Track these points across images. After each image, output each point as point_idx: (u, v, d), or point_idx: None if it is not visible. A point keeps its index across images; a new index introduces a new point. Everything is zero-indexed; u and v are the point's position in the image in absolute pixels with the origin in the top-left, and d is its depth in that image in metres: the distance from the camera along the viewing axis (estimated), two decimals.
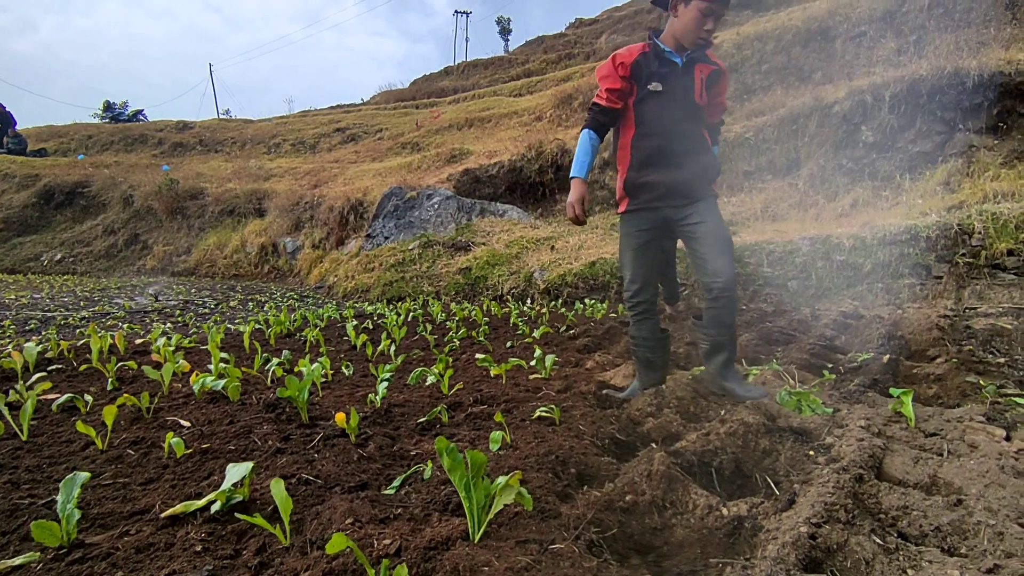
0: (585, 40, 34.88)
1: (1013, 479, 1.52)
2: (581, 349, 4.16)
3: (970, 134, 7.13)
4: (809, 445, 1.98)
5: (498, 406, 2.46)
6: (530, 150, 12.29)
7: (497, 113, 19.95)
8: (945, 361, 2.98)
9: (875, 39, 9.40)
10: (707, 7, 2.21)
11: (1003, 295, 5.67)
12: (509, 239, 10.98)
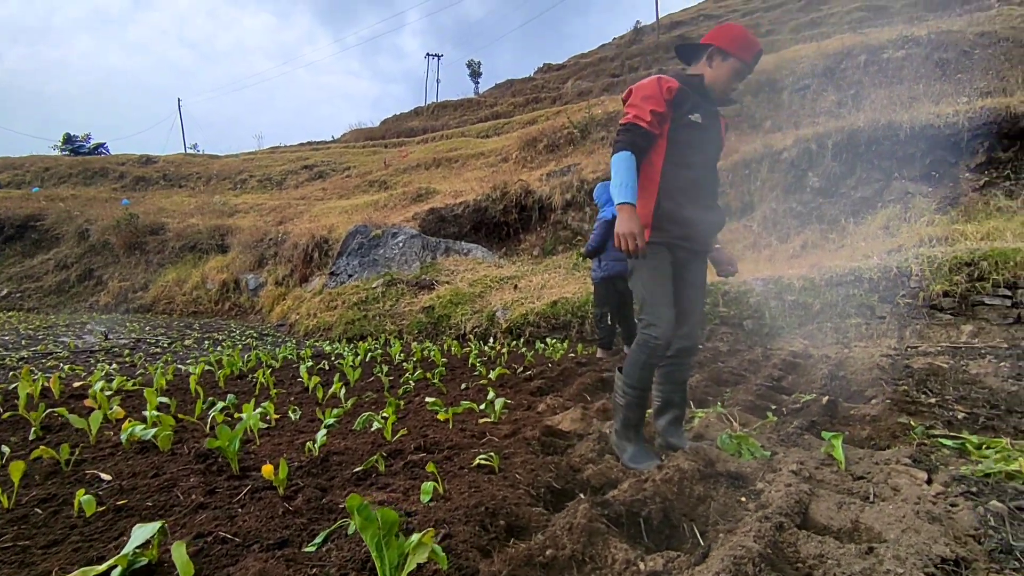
0: (552, 85, 36.03)
1: (927, 524, 1.56)
2: (535, 391, 4.15)
3: (906, 182, 7.56)
4: (742, 491, 2.00)
5: (440, 453, 2.43)
6: (495, 190, 12.48)
7: (464, 153, 20.28)
8: (881, 402, 3.07)
9: (818, 92, 10.00)
10: (743, 66, 2.26)
11: (941, 334, 5.93)
12: (473, 278, 11.02)
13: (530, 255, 11.64)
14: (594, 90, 25.62)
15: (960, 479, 1.91)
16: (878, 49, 9.86)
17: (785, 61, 11.12)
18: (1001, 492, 1.82)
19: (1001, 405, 3.09)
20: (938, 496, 1.81)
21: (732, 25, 2.31)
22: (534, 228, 11.88)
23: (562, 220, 11.19)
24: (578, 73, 35.13)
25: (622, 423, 2.36)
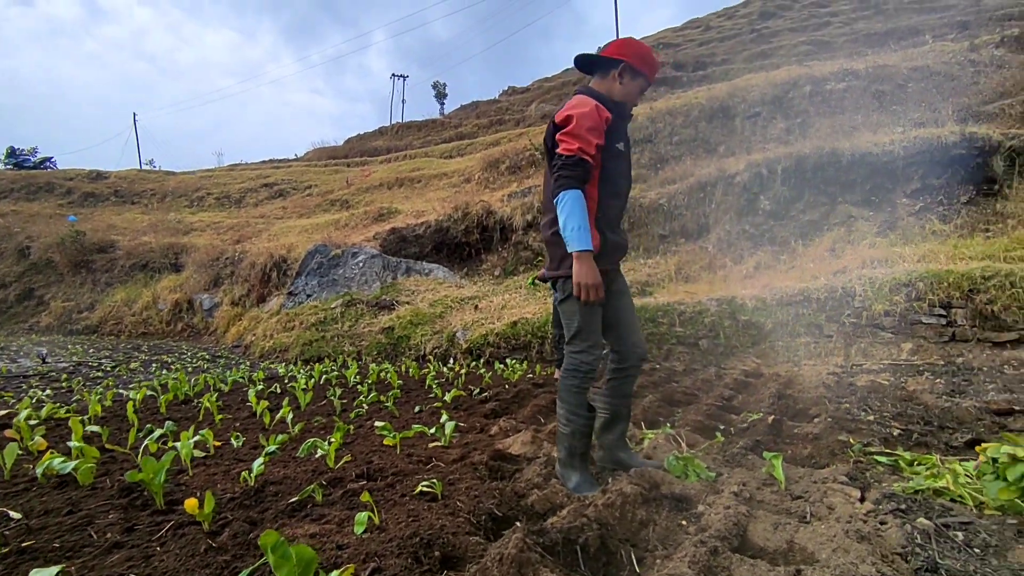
0: (516, 107, 36.51)
1: (856, 544, 1.59)
2: (488, 414, 4.10)
3: (849, 206, 7.90)
4: (684, 514, 2.00)
5: (383, 480, 2.36)
6: (457, 211, 12.48)
7: (427, 174, 20.28)
8: (823, 420, 3.15)
9: (768, 119, 10.42)
10: (647, 85, 2.32)
11: (883, 352, 6.15)
12: (434, 298, 10.93)
13: (491, 275, 11.64)
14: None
15: (890, 496, 1.95)
16: (822, 81, 10.37)
17: (738, 89, 11.57)
18: (929, 509, 1.87)
19: (934, 421, 3.21)
20: (868, 514, 1.85)
21: (638, 41, 2.31)
22: (495, 249, 11.90)
23: (523, 241, 11.26)
24: (541, 96, 35.72)
25: (567, 451, 2.32)
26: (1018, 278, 5.41)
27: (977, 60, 9.79)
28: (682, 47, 36.05)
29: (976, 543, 1.65)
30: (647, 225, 9.87)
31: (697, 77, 21.77)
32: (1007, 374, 4.88)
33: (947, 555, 1.60)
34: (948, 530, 1.72)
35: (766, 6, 38.69)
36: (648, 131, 11.99)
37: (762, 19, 36.09)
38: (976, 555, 1.60)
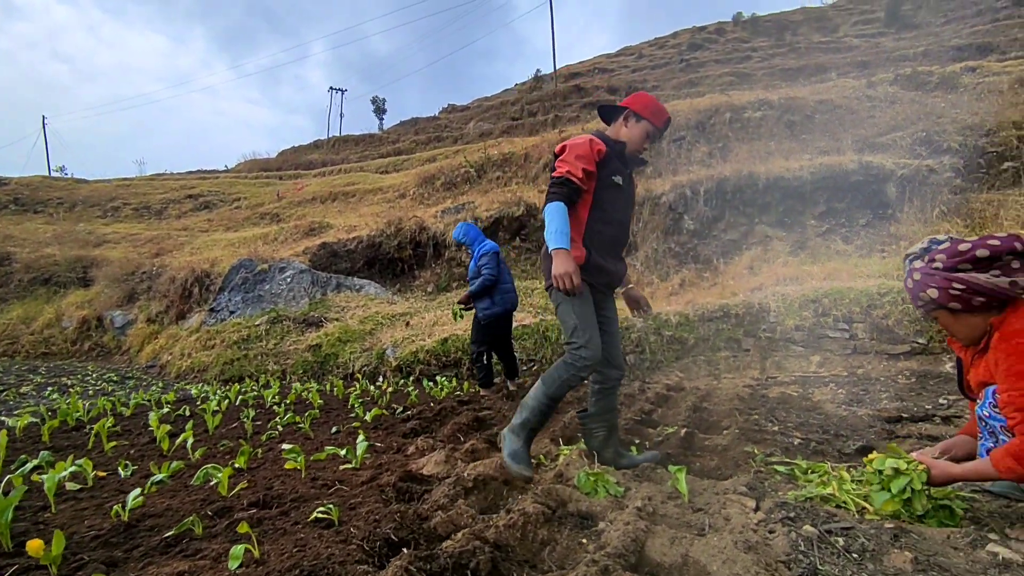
0: (455, 125, 36.68)
1: (743, 554, 1.61)
2: (408, 433, 3.98)
3: (765, 226, 8.36)
4: (587, 531, 1.98)
5: (279, 507, 2.21)
6: (390, 226, 12.28)
7: (362, 188, 19.91)
8: (731, 432, 3.24)
9: (692, 143, 10.93)
10: (654, 130, 2.59)
11: (795, 365, 6.48)
12: (364, 315, 10.65)
13: (424, 292, 11.48)
14: (495, 132, 26.34)
15: (782, 505, 2.01)
16: (741, 109, 11.01)
17: None
18: (815, 516, 1.93)
19: (831, 430, 3.38)
20: (760, 524, 1.89)
21: (646, 94, 2.62)
22: (428, 265, 11.78)
23: (456, 257, 11.20)
24: (481, 115, 36.08)
25: (521, 423, 2.51)
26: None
27: (873, 96, 10.70)
28: (616, 72, 37.47)
29: (855, 548, 1.71)
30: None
31: None
32: (900, 383, 5.24)
33: (827, 561, 1.65)
34: (830, 536, 1.78)
35: (694, 38, 40.96)
36: None
37: (690, 50, 38.13)
38: (854, 560, 1.65)
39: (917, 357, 5.87)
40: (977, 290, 1.79)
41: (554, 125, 19.23)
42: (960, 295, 1.82)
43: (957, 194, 7.89)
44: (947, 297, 1.85)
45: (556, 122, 20.96)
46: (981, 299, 1.79)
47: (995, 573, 1.56)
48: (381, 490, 2.43)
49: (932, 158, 8.33)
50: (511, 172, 13.68)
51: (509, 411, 4.68)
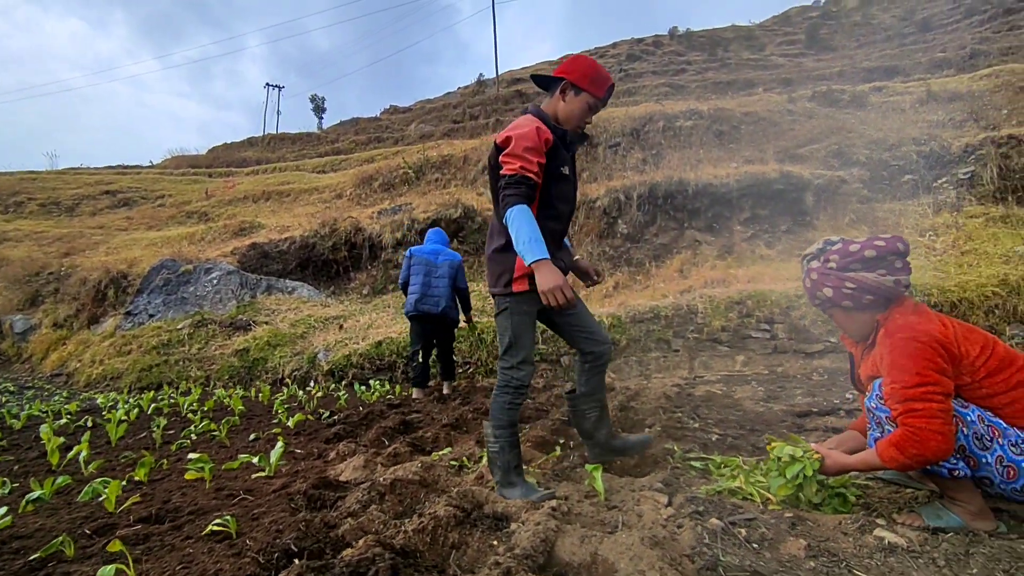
0: (396, 126, 36.14)
1: (649, 550, 1.62)
2: (332, 438, 3.83)
3: (695, 231, 8.66)
4: (499, 533, 1.94)
5: (172, 521, 2.05)
6: (324, 226, 11.91)
7: (297, 188, 19.24)
8: (654, 430, 3.30)
9: (627, 149, 11.22)
10: (595, 102, 2.27)
11: (721, 364, 6.73)
12: (296, 318, 10.26)
13: (359, 294, 11.19)
14: (436, 134, 26.12)
15: (692, 500, 2.04)
16: (673, 118, 11.40)
17: (601, 120, 12.34)
18: (722, 509, 1.97)
19: (747, 425, 3.50)
20: (669, 519, 1.91)
21: (583, 58, 2.31)
22: (364, 266, 11.49)
23: (393, 259, 10.99)
24: (422, 117, 35.68)
25: (503, 470, 2.28)
26: None
27: (794, 110, 11.34)
28: None
29: (755, 538, 1.76)
30: None
31: None
32: (813, 380, 5.53)
33: (729, 552, 1.68)
34: (734, 527, 1.82)
35: (632, 49, 42.17)
36: None
37: (629, 60, 39.21)
38: (753, 549, 1.70)
39: (829, 355, 6.22)
40: (866, 288, 1.88)
41: (495, 129, 19.28)
42: (852, 293, 1.91)
43: (864, 203, 8.46)
44: (840, 296, 1.94)
45: (497, 126, 21.03)
46: (870, 297, 1.89)
47: (880, 557, 1.63)
48: (291, 498, 2.32)
49: (843, 169, 8.90)
50: (450, 174, 13.58)
51: (439, 414, 4.61)
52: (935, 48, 23.46)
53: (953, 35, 26.25)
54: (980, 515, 1.76)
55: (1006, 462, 1.68)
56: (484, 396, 5.48)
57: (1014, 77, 11.82)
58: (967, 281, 6.25)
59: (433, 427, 3.99)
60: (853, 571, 1.55)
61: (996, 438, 1.69)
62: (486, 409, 4.69)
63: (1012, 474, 1.68)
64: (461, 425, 4.13)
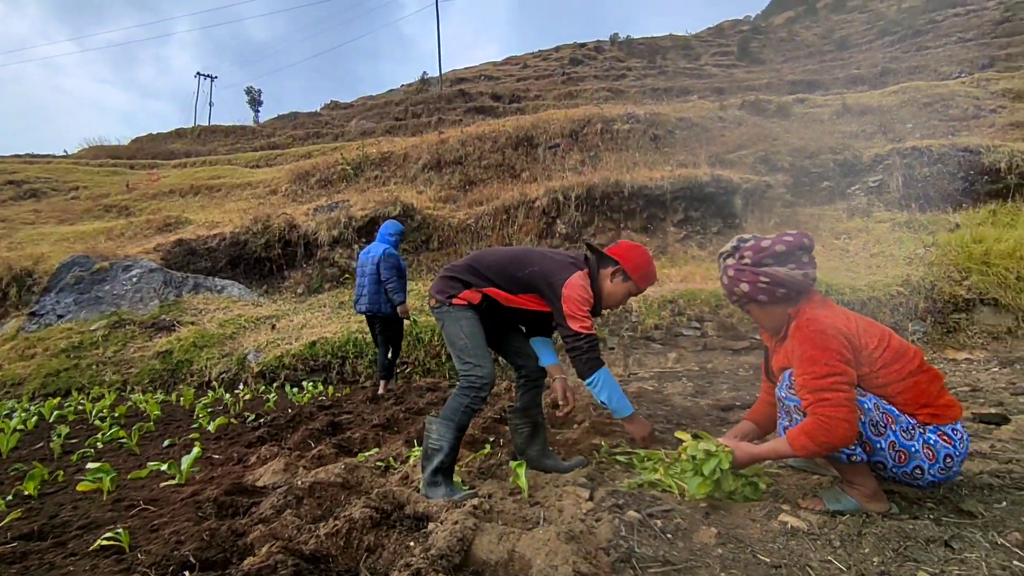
0: (337, 122, 35.16)
1: (564, 544, 1.61)
2: (254, 442, 3.66)
3: (631, 232, 8.87)
4: (417, 534, 1.89)
5: (58, 537, 1.88)
6: (256, 223, 11.41)
7: (229, 183, 18.37)
8: (583, 426, 3.34)
9: (566, 151, 11.37)
10: (636, 292, 2.53)
11: (654, 361, 6.91)
12: (225, 318, 9.77)
13: (294, 293, 10.80)
14: (377, 131, 25.59)
15: (613, 493, 2.07)
16: (611, 121, 11.65)
17: (541, 121, 12.46)
18: (641, 501, 2.00)
19: (674, 419, 3.60)
20: (588, 513, 1.92)
21: (641, 250, 2.51)
22: (299, 265, 11.09)
23: (329, 257, 10.67)
24: (364, 113, 34.91)
25: (434, 470, 2.28)
26: None
27: (724, 117, 11.84)
28: (502, 80, 38.15)
29: (670, 528, 1.79)
30: (456, 245, 10.01)
31: (512, 109, 23.12)
32: (739, 376, 5.78)
33: (644, 543, 1.70)
34: (651, 519, 1.85)
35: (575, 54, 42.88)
36: (459, 153, 12.29)
37: (572, 64, 39.84)
38: (668, 540, 1.73)
39: (755, 352, 6.50)
40: (779, 282, 1.96)
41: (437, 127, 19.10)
42: (766, 287, 1.98)
43: (788, 207, 8.92)
44: (756, 290, 2.01)
45: (439, 124, 20.85)
46: (783, 290, 1.97)
47: (783, 540, 1.70)
48: (199, 507, 2.18)
49: (769, 175, 9.35)
50: (390, 172, 13.32)
51: (370, 414, 4.50)
52: (851, 65, 25.13)
53: (867, 54, 28.22)
54: (875, 497, 1.86)
55: (898, 447, 1.79)
56: (419, 396, 5.40)
57: (918, 94, 12.81)
58: (875, 281, 6.70)
59: (363, 428, 3.89)
60: (757, 555, 1.60)
61: (889, 424, 1.79)
62: (419, 409, 4.61)
63: (903, 458, 1.79)
64: (392, 425, 4.04)
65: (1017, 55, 19.80)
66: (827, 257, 7.75)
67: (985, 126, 10.43)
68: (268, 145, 29.93)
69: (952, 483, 2.05)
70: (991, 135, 9.67)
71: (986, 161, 8.69)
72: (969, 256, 6.79)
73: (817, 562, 1.55)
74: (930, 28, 30.60)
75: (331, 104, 44.33)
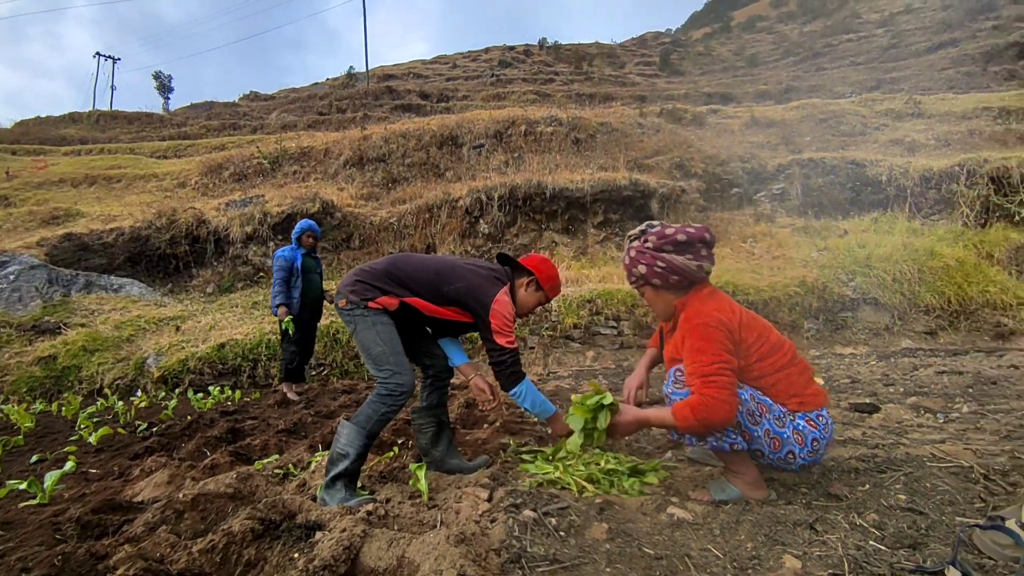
0: (256, 114, 33.45)
1: (454, 548, 1.58)
2: (141, 453, 3.38)
3: (552, 233, 9.02)
4: (304, 544, 1.80)
5: None
6: (161, 217, 10.62)
7: (131, 173, 17.00)
8: (492, 426, 3.33)
9: (490, 151, 11.40)
10: (546, 302, 2.65)
11: (573, 360, 7.04)
12: (122, 319, 9.01)
13: (203, 292, 10.14)
14: (299, 125, 24.60)
15: (512, 493, 2.06)
16: (535, 123, 11.80)
17: (466, 121, 12.41)
18: (538, 500, 2.00)
19: None
20: (483, 514, 1.90)
21: (553, 265, 2.65)
22: (209, 263, 10.43)
23: (242, 255, 10.10)
24: (286, 106, 33.42)
25: (338, 473, 2.22)
26: None
27: (644, 124, 12.30)
28: (431, 79, 37.76)
29: (563, 526, 1.80)
30: (378, 244, 9.78)
31: (440, 108, 22.92)
32: (652, 373, 5.98)
33: (537, 542, 1.70)
34: (547, 518, 1.86)
35: (504, 56, 43.15)
36: (382, 151, 12.02)
37: (501, 66, 40.05)
38: (560, 538, 1.74)
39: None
40: (674, 269, 2.04)
41: (363, 123, 18.59)
42: (661, 272, 2.06)
43: (701, 212, 9.39)
44: (652, 273, 2.08)
45: (365, 121, 20.30)
46: (676, 277, 2.05)
47: (669, 532, 1.75)
48: (57, 528, 1.97)
49: (684, 180, 9.80)
50: (309, 167, 12.81)
51: (276, 419, 4.28)
52: (760, 81, 26.87)
53: (773, 71, 30.28)
54: (755, 485, 1.97)
55: (772, 434, 1.90)
56: (331, 398, 5.21)
57: (815, 110, 13.87)
58: (776, 282, 7.17)
59: (266, 434, 3.69)
60: (643, 548, 1.64)
61: (764, 414, 1.90)
62: (330, 412, 4.45)
63: (777, 445, 1.90)
64: (299, 430, 3.87)
65: (900, 79, 21.92)
66: (735, 259, 8.21)
67: (870, 142, 11.43)
68: (178, 135, 27.99)
69: (825, 468, 2.20)
70: (875, 150, 10.61)
71: (870, 173, 9.53)
72: (855, 259, 7.41)
73: (697, 551, 1.61)
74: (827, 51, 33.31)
75: (250, 95, 42.15)
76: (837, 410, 3.39)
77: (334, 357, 7.46)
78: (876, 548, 1.53)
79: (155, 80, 48.36)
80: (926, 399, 3.54)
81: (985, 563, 1.42)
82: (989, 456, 2.27)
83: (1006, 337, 6.72)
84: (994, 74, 20.76)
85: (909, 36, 31.08)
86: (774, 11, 55.20)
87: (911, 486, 1.97)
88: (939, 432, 2.78)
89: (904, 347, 6.67)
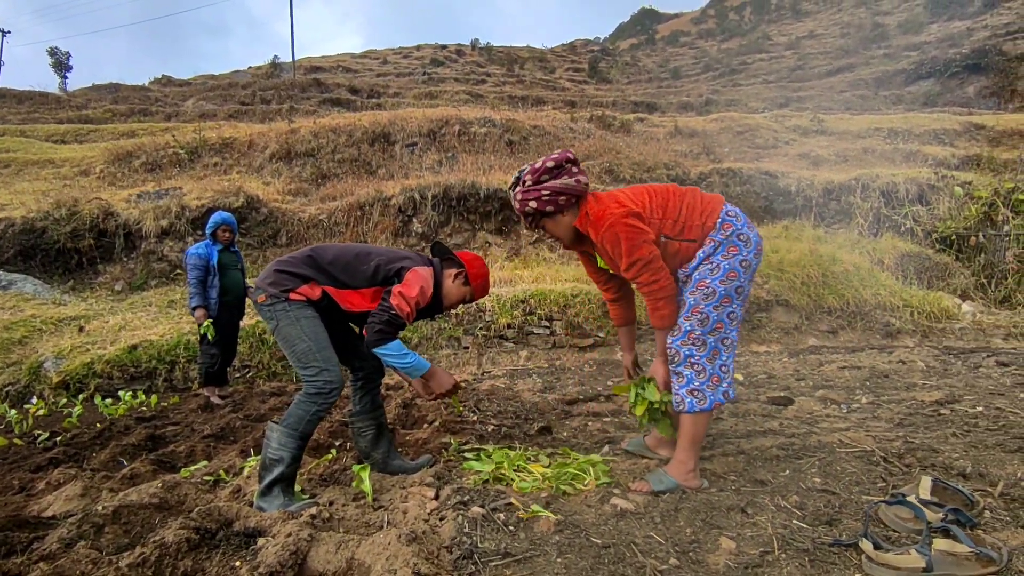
0: (170, 100, 31.28)
1: (405, 547, 1.58)
2: (45, 464, 3.11)
3: (486, 233, 9.07)
4: (246, 552, 1.74)
5: None
6: (60, 208, 9.73)
7: (23, 158, 15.43)
8: (432, 426, 3.32)
9: (424, 150, 11.30)
10: (470, 299, 2.62)
11: (507, 359, 7.12)
12: (12, 319, 8.17)
13: (111, 290, 9.37)
14: (219, 114, 23.24)
15: (458, 491, 2.08)
16: (469, 123, 11.82)
17: (399, 119, 12.24)
18: (485, 497, 2.04)
19: (523, 415, 3.74)
20: (432, 513, 1.92)
21: (485, 265, 2.63)
22: (118, 258, 9.66)
23: (157, 250, 9.44)
24: (204, 93, 31.47)
25: (275, 478, 2.15)
26: (594, 296, 6.95)
27: (575, 128, 12.63)
28: (360, 74, 36.84)
29: (512, 521, 1.85)
30: (306, 240, 9.43)
31: (371, 104, 22.41)
32: (585, 371, 6.17)
33: (487, 538, 1.74)
34: (495, 513, 1.90)
35: (436, 55, 42.83)
36: (311, 145, 11.61)
37: (433, 65, 39.71)
38: (510, 532, 1.78)
39: (599, 348, 7.00)
40: (558, 191, 2.19)
41: (288, 116, 17.85)
42: (550, 199, 2.20)
43: None
44: (543, 203, 2.22)
45: (291, 113, 19.50)
46: (564, 198, 2.21)
47: (614, 522, 1.84)
48: None
49: (613, 185, 10.14)
50: (232, 159, 12.15)
51: (201, 424, 4.06)
52: (682, 93, 28.24)
53: (695, 84, 31.93)
54: (692, 474, 2.10)
55: (719, 279, 2.11)
56: (260, 401, 4.99)
57: (733, 123, 14.78)
58: None
59: (191, 440, 3.50)
60: (591, 538, 1.71)
61: (701, 289, 2.12)
62: (260, 415, 4.27)
63: (732, 276, 2.12)
64: (227, 435, 3.69)
65: (805, 97, 23.74)
66: None
67: (781, 155, 12.32)
68: (79, 118, 25.69)
69: (749, 456, 2.37)
70: (785, 163, 11.45)
71: (781, 184, 10.28)
72: (768, 264, 7.96)
73: (641, 538, 1.70)
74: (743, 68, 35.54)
75: (163, 79, 39.38)
76: (756, 403, 3.65)
77: (260, 358, 7.13)
78: (799, 526, 1.68)
79: (50, 57, 44.03)
80: (831, 392, 3.87)
81: (891, 535, 1.60)
82: (886, 441, 2.53)
83: (894, 335, 7.46)
84: (884, 98, 22.96)
85: (813, 59, 33.75)
86: (695, 27, 58.23)
87: (824, 470, 2.17)
88: (844, 421, 3.07)
89: (811, 345, 7.25)
